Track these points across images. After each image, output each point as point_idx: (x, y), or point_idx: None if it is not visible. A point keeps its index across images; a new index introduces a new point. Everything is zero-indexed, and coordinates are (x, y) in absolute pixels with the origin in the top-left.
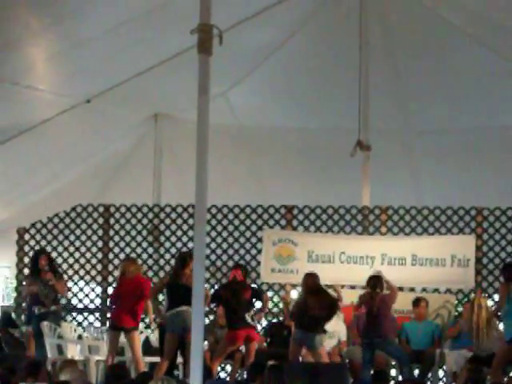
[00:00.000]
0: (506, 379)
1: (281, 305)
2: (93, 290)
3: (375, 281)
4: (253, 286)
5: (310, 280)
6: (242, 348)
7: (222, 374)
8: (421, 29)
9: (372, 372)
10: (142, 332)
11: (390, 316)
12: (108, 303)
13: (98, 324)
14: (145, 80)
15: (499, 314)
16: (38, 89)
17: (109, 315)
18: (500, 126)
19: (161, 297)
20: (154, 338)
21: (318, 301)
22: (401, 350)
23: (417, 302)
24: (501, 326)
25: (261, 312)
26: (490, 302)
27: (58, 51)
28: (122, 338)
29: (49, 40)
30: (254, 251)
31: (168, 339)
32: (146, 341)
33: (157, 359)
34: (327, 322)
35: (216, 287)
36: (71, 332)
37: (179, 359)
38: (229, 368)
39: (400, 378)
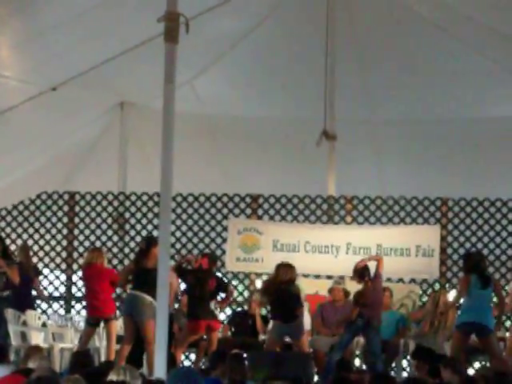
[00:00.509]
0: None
1: (246, 294)
2: (57, 277)
3: (362, 271)
4: (218, 275)
5: (284, 271)
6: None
7: (187, 363)
8: (387, 17)
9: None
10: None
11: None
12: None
13: (62, 311)
14: (111, 68)
15: (457, 304)
16: (3, 75)
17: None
18: (466, 117)
19: None
20: (119, 326)
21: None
22: (378, 344)
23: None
24: None
25: (224, 302)
26: (453, 293)
27: (23, 38)
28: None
29: (14, 27)
30: (219, 240)
31: (123, 322)
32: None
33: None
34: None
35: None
36: (35, 319)
37: None
38: (193, 356)
39: (364, 367)
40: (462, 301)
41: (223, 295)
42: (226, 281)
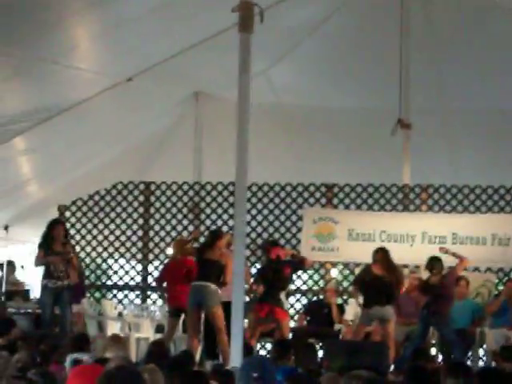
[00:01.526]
0: None
1: (321, 283)
2: (133, 267)
3: (433, 263)
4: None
5: (380, 256)
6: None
7: (262, 352)
8: (463, 5)
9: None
10: None
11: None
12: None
13: (138, 301)
14: (186, 58)
15: None
16: (79, 68)
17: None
18: None
19: None
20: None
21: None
22: (453, 333)
23: (457, 281)
24: None
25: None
26: None
27: (99, 31)
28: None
29: (90, 20)
30: (294, 229)
31: (188, 313)
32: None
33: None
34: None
35: (257, 265)
36: (111, 309)
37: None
38: (269, 346)
39: (440, 357)
40: None
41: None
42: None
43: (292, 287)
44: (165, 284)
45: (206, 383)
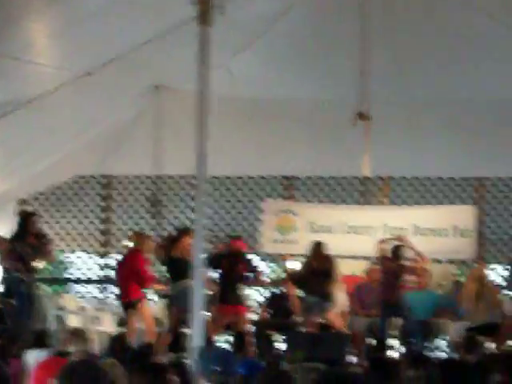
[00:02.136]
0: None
1: (282, 275)
2: (94, 261)
3: (397, 250)
4: (248, 258)
5: (317, 248)
6: None
7: (224, 345)
8: None
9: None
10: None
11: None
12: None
13: (99, 295)
14: (145, 52)
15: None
16: (39, 63)
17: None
18: (502, 97)
19: None
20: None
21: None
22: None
23: (419, 272)
24: None
25: (254, 282)
26: (490, 272)
27: (58, 26)
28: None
29: (50, 15)
30: (255, 222)
31: (174, 313)
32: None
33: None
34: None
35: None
36: (72, 303)
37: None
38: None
39: (402, 349)
40: None
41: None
42: (255, 264)
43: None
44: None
45: (165, 376)
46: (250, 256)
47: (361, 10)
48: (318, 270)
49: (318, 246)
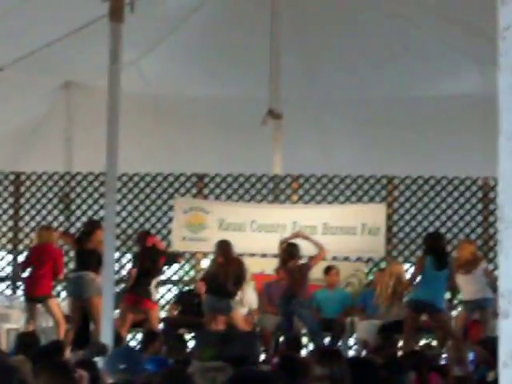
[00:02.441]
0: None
1: (192, 273)
2: (2, 258)
3: (292, 249)
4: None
5: (223, 247)
6: None
7: (133, 343)
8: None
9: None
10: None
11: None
12: (19, 271)
13: (8, 292)
14: (56, 48)
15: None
16: None
17: (20, 284)
18: (411, 96)
19: None
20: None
21: (229, 267)
22: (313, 320)
23: (327, 270)
24: None
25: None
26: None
27: None
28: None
29: None
30: (165, 219)
31: (70, 304)
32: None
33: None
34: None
35: (127, 255)
36: None
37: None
38: (139, 336)
39: (311, 346)
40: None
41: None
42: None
43: (162, 277)
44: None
45: (71, 373)
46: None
47: (272, 8)
48: (224, 268)
49: (224, 245)
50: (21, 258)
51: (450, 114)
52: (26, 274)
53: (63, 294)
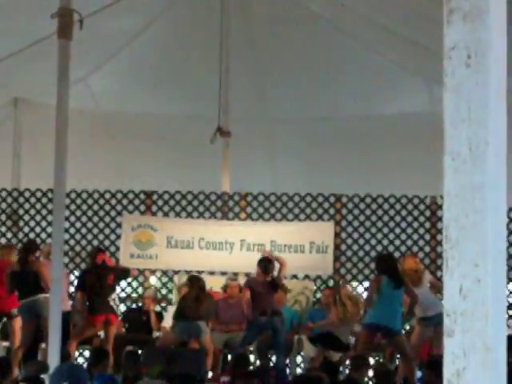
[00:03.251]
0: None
1: (140, 290)
2: None
3: (266, 263)
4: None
5: (196, 283)
6: (101, 334)
7: (80, 359)
8: (283, 16)
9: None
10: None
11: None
12: None
13: None
14: (4, 65)
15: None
16: None
17: None
18: (360, 115)
19: None
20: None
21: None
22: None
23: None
24: None
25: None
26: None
27: None
28: None
29: None
30: (113, 236)
31: (24, 327)
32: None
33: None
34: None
35: (76, 272)
36: None
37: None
38: (87, 353)
39: (257, 363)
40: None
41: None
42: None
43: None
44: None
45: None
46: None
47: (221, 24)
48: (193, 298)
49: (196, 281)
50: None
51: (398, 132)
52: None
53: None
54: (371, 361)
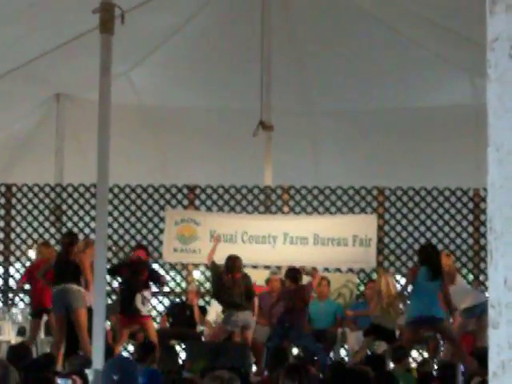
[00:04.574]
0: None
1: (183, 284)
2: None
3: (294, 272)
4: (152, 266)
5: (232, 263)
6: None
7: (125, 354)
8: (326, 8)
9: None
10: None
11: (305, 309)
12: (17, 285)
13: (0, 304)
14: (47, 60)
15: (405, 293)
16: None
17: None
18: (403, 107)
19: None
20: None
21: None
22: (313, 342)
23: (319, 282)
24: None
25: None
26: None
27: None
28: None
29: None
30: (156, 231)
31: (55, 320)
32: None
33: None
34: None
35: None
36: None
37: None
38: (131, 348)
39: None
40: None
41: (155, 288)
42: (161, 272)
43: (154, 289)
44: (27, 286)
45: None
46: (152, 265)
47: (263, 18)
48: (235, 283)
49: (235, 261)
50: (12, 270)
51: (441, 124)
52: (27, 287)
53: None
54: (414, 353)
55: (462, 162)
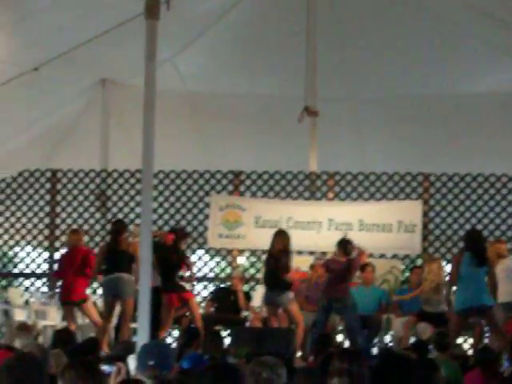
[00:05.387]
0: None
1: (228, 270)
2: (39, 255)
3: (345, 243)
4: (182, 251)
5: (277, 240)
6: (188, 313)
7: (169, 340)
8: None
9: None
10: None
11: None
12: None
13: (45, 289)
14: (92, 46)
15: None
16: None
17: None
18: (448, 93)
19: None
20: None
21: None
22: (357, 321)
23: (363, 268)
24: None
25: (189, 279)
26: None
27: (6, 21)
28: None
29: None
30: (201, 216)
31: (104, 305)
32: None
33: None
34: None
35: None
36: (18, 297)
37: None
38: (176, 333)
39: (347, 344)
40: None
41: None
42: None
43: (199, 274)
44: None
45: (94, 372)
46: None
47: (308, 5)
48: (275, 259)
49: (279, 234)
50: (57, 256)
51: (487, 110)
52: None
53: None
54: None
55: (509, 148)
